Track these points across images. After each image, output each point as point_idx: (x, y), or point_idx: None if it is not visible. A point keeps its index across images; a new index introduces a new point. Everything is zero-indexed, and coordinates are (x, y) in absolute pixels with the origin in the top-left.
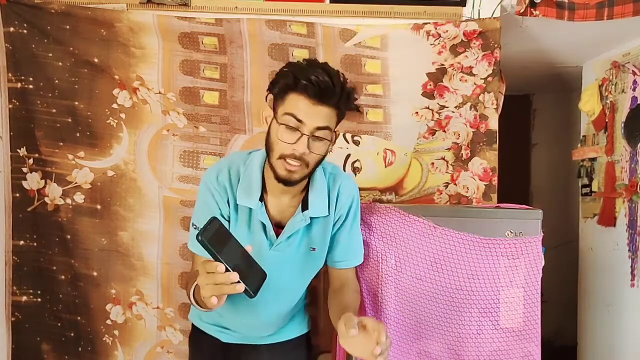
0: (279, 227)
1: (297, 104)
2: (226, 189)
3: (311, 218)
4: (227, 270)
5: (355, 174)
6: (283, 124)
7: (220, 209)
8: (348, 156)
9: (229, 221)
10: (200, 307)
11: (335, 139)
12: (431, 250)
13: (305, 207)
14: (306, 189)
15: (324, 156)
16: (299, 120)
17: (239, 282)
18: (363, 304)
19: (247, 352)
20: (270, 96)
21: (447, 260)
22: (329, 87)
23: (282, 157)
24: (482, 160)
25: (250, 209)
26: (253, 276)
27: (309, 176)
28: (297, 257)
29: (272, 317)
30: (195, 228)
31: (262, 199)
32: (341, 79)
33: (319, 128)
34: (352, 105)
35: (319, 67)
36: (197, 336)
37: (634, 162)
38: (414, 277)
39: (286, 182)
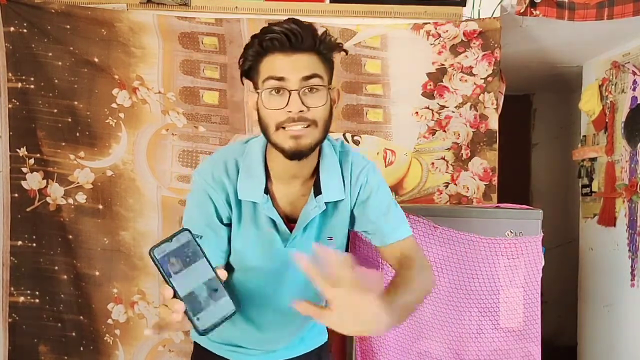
0: (290, 221)
1: (273, 64)
2: (224, 186)
3: (326, 203)
4: (175, 296)
5: None
6: (266, 90)
7: (218, 210)
8: None
9: (229, 225)
10: None
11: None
12: (431, 250)
13: (318, 191)
14: (316, 173)
15: (331, 112)
16: (280, 79)
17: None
18: None
19: None
20: (248, 82)
21: (447, 260)
22: (297, 32)
23: (280, 126)
24: (482, 160)
25: (255, 203)
26: (212, 310)
27: (323, 140)
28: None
29: (294, 322)
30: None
31: (267, 191)
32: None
33: (306, 78)
34: (333, 45)
35: (282, 22)
36: (201, 358)
37: (634, 162)
38: None
39: (298, 153)
